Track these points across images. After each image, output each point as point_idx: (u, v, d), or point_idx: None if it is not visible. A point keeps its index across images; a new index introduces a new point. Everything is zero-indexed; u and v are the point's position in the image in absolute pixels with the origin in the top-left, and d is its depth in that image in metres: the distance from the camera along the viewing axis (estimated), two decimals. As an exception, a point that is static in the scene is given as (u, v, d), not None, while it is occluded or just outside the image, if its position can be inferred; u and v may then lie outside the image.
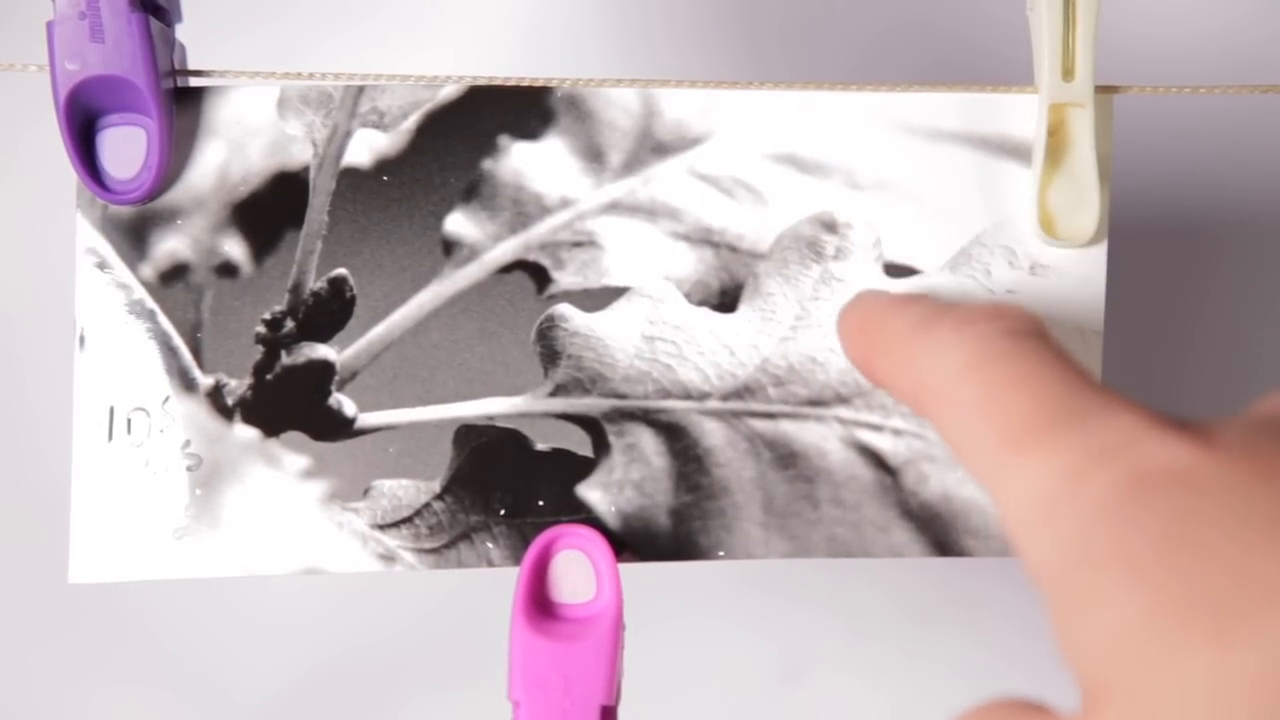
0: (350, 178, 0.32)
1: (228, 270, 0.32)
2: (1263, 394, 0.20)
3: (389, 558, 0.31)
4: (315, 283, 0.32)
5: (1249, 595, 0.16)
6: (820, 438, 0.32)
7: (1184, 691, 0.16)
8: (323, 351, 0.32)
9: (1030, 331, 0.21)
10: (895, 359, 0.22)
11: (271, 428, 0.31)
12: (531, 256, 0.32)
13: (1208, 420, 0.19)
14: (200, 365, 0.31)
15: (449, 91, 0.32)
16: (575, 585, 0.31)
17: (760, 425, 0.32)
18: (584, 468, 0.32)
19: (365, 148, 0.32)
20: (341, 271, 0.32)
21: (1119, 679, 0.17)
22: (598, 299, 0.32)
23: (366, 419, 0.32)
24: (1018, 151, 0.32)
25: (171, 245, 0.31)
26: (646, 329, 0.32)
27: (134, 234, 0.31)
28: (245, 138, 0.32)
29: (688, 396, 0.32)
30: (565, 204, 0.32)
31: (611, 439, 0.32)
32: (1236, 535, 0.17)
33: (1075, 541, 0.18)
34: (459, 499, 0.31)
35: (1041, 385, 0.20)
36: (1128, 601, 0.17)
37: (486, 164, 0.32)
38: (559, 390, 0.32)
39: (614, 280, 0.32)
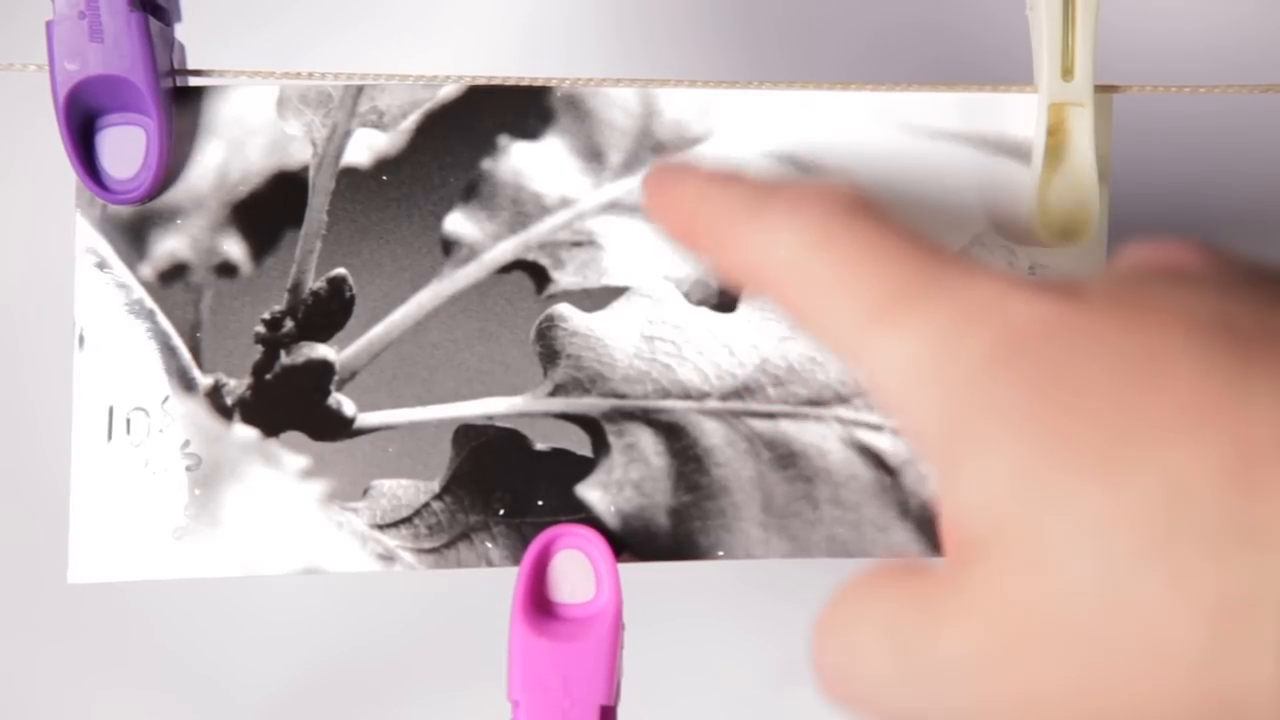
0: (350, 177, 0.32)
1: (227, 270, 0.32)
2: None
3: (388, 557, 0.31)
4: (314, 282, 0.32)
5: (1134, 428, 0.17)
6: (820, 437, 0.32)
7: (1080, 524, 0.17)
8: (322, 351, 0.32)
9: (864, 204, 0.21)
10: (727, 243, 0.22)
11: (271, 428, 0.31)
12: (531, 256, 0.32)
13: (1068, 279, 0.19)
14: (199, 365, 0.31)
15: (448, 91, 0.32)
16: (575, 585, 0.31)
17: (760, 425, 0.32)
18: (583, 467, 0.32)
19: (365, 147, 0.32)
20: (341, 271, 0.32)
21: (1005, 526, 0.17)
22: (597, 299, 0.32)
23: (366, 419, 0.32)
24: (1017, 151, 0.32)
25: (171, 245, 0.31)
26: (646, 329, 0.32)
27: (133, 234, 0.31)
28: (244, 137, 0.32)
29: (687, 396, 0.32)
30: (565, 203, 0.32)
31: (611, 439, 0.32)
32: (1110, 378, 0.17)
33: (953, 401, 0.18)
34: (458, 499, 0.31)
35: (893, 258, 0.20)
36: (1009, 450, 0.17)
37: (486, 164, 0.32)
38: (558, 390, 0.32)
39: (613, 280, 0.32)
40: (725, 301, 0.32)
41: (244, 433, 0.31)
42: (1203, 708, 0.16)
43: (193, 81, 0.32)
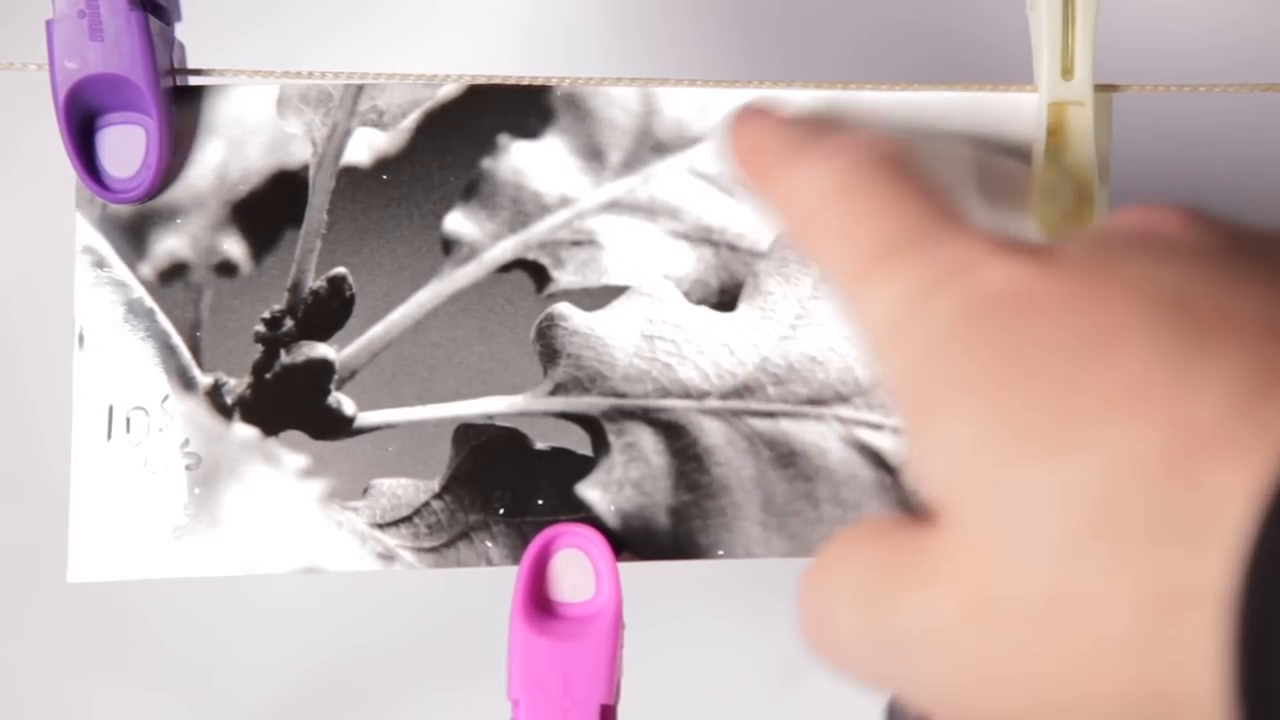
0: (350, 176, 0.32)
1: (227, 269, 0.32)
2: None
3: (388, 557, 0.31)
4: (314, 281, 0.32)
5: (1080, 407, 0.17)
6: (820, 436, 0.32)
7: (1026, 505, 0.17)
8: (322, 350, 0.32)
9: (892, 158, 0.21)
10: (770, 182, 0.23)
11: (271, 427, 0.31)
12: (531, 255, 0.32)
13: (1050, 241, 0.20)
14: (199, 364, 0.31)
15: (448, 90, 0.32)
16: (574, 584, 0.31)
17: (760, 424, 0.32)
18: (583, 467, 0.32)
19: (365, 146, 0.32)
20: (341, 270, 0.32)
21: (961, 498, 0.18)
22: (597, 298, 0.32)
23: (366, 418, 0.32)
24: (1017, 150, 0.32)
25: (171, 244, 0.31)
26: (646, 328, 0.32)
27: (133, 233, 0.31)
28: (244, 136, 0.32)
29: (687, 395, 0.32)
30: (565, 203, 0.32)
31: (611, 438, 0.32)
32: (1068, 351, 0.17)
33: (921, 362, 0.18)
34: (458, 498, 0.31)
35: (896, 211, 0.20)
36: (968, 421, 0.18)
37: (486, 163, 0.32)
38: (558, 389, 0.32)
39: (613, 279, 0.32)
40: (725, 300, 0.32)
41: (244, 432, 0.31)
42: (1137, 697, 0.16)
43: (193, 81, 0.32)
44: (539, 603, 0.30)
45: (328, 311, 0.32)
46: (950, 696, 0.18)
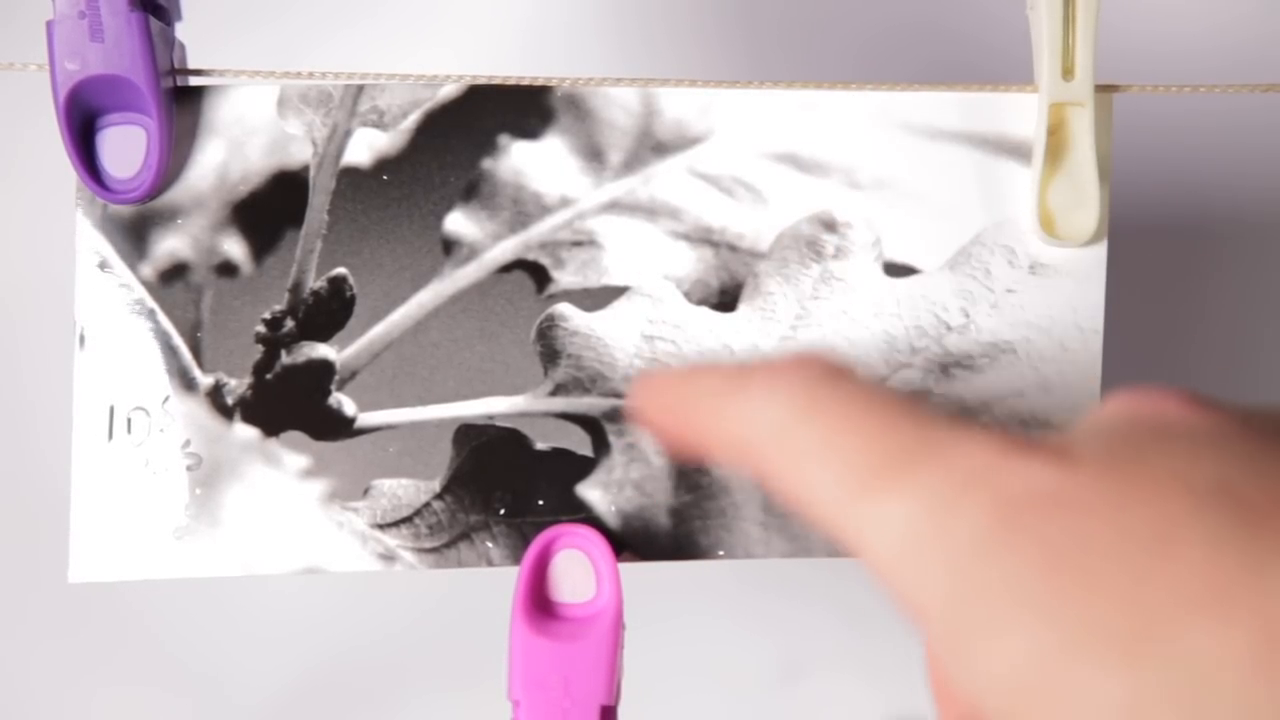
0: (350, 177, 0.32)
1: (228, 269, 0.32)
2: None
3: (389, 557, 0.31)
4: (315, 282, 0.32)
5: (1153, 611, 0.16)
6: (820, 437, 0.32)
7: (1099, 716, 0.16)
8: (322, 351, 0.32)
9: (843, 372, 0.20)
10: (709, 423, 0.21)
11: (271, 427, 0.31)
12: (531, 256, 0.32)
13: (1058, 437, 0.19)
14: (200, 365, 0.31)
15: (449, 91, 0.32)
16: (575, 585, 0.31)
17: (760, 424, 0.32)
18: (584, 467, 0.32)
19: (365, 147, 0.32)
20: (341, 271, 0.32)
21: (1030, 711, 0.17)
22: (597, 298, 0.32)
23: (366, 418, 0.32)
24: (1017, 150, 0.32)
25: (171, 244, 0.31)
26: (646, 328, 0.32)
27: (134, 233, 0.31)
28: (245, 137, 0.32)
29: (687, 396, 0.32)
30: (565, 203, 0.32)
31: (611, 438, 0.32)
32: (1123, 552, 0.17)
33: (956, 576, 0.18)
34: (459, 498, 0.31)
35: (879, 426, 0.19)
36: (1025, 633, 0.17)
37: (486, 163, 0.32)
38: (559, 389, 0.32)
39: (614, 279, 0.32)
40: (725, 301, 0.32)
41: (244, 432, 0.31)
42: None
43: (193, 81, 0.32)
44: (539, 603, 0.30)
45: (328, 312, 0.32)
46: None
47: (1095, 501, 0.17)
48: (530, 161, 0.32)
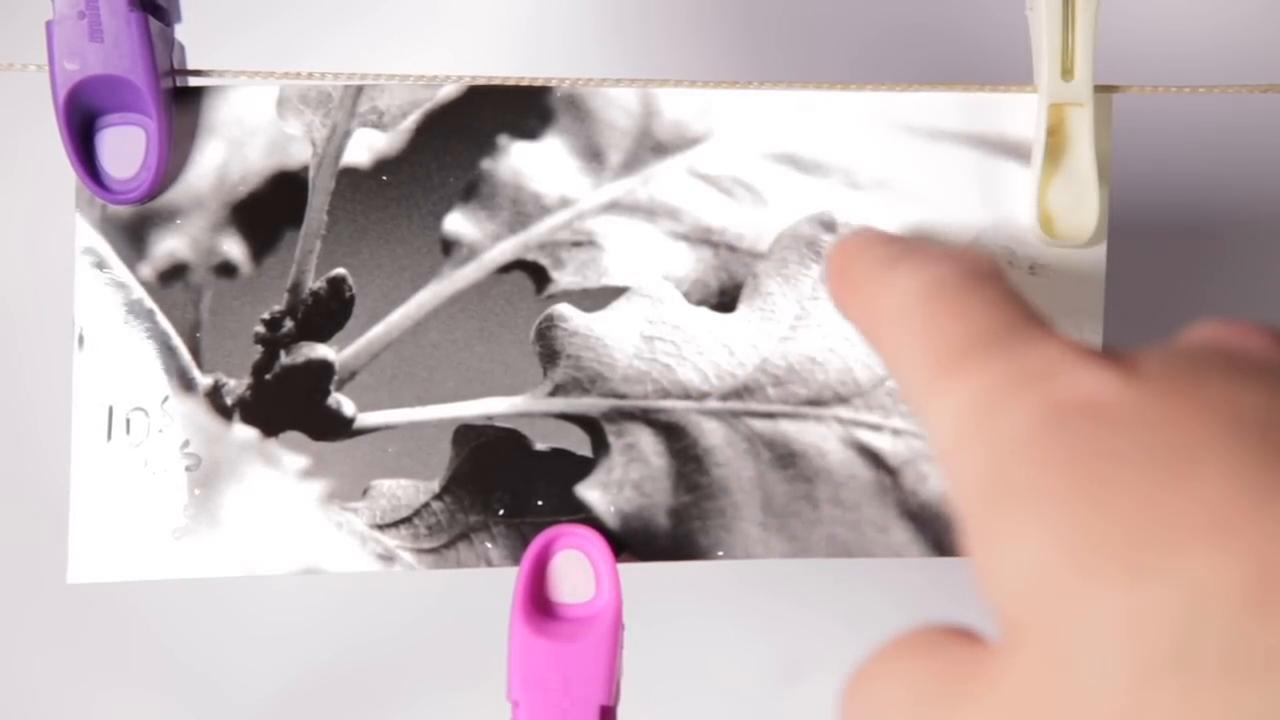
0: (349, 177, 0.32)
1: (227, 270, 0.32)
2: None
3: (388, 558, 0.31)
4: (314, 282, 0.32)
5: (1159, 531, 0.16)
6: (819, 437, 0.32)
7: (1099, 631, 0.16)
8: (322, 351, 0.32)
9: (985, 271, 0.21)
10: (859, 294, 0.22)
11: (270, 427, 0.31)
12: (530, 256, 0.32)
13: (1135, 350, 0.19)
14: (199, 365, 0.31)
15: (448, 91, 0.32)
16: (574, 585, 0.31)
17: (759, 425, 0.32)
18: (583, 468, 0.32)
19: (364, 147, 0.32)
20: (340, 271, 0.32)
21: (1035, 617, 0.17)
22: (597, 299, 0.32)
23: (365, 419, 0.32)
24: (1017, 151, 0.32)
25: (170, 245, 0.31)
26: (646, 329, 0.32)
27: (133, 234, 0.31)
28: (244, 137, 0.32)
29: (687, 396, 0.32)
30: (564, 203, 0.32)
31: (611, 439, 0.32)
32: (1147, 470, 0.17)
33: (989, 470, 0.18)
34: (458, 499, 0.31)
35: (980, 313, 0.20)
36: (1040, 538, 0.17)
37: (485, 164, 0.32)
38: (558, 390, 0.32)
39: (613, 280, 0.32)
40: (725, 301, 0.32)
41: (244, 433, 0.31)
42: None
43: (193, 81, 0.32)
44: (539, 603, 0.30)
45: (328, 312, 0.32)
46: None
47: (1138, 416, 0.17)
48: (530, 162, 0.32)
